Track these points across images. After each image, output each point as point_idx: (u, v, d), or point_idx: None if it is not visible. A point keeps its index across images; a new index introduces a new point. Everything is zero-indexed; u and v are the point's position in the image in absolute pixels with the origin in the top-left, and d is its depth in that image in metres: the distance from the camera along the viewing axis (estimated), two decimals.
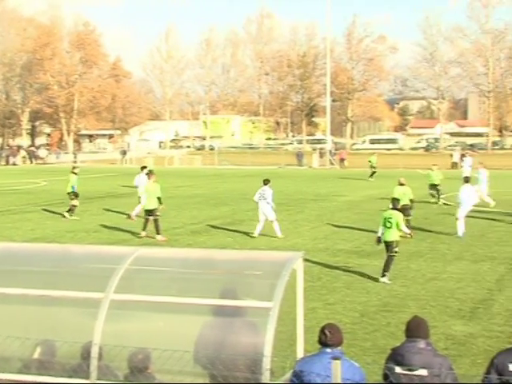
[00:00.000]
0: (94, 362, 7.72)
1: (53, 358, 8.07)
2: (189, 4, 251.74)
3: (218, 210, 34.05)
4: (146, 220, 26.15)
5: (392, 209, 18.62)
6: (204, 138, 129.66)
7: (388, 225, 18.38)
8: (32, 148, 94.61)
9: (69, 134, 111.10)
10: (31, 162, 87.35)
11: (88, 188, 44.96)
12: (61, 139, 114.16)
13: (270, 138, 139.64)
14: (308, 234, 26.46)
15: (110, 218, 31.35)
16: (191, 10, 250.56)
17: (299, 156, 76.98)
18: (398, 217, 18.51)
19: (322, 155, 77.65)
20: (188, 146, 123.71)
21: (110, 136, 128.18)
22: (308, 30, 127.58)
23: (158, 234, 25.61)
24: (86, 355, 7.81)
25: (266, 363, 7.28)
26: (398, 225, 18.34)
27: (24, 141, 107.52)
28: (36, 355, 8.10)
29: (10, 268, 9.19)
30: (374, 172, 54.33)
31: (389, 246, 18.56)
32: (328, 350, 7.25)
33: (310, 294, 16.40)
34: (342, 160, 73.82)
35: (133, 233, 27.07)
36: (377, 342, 13.24)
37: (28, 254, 9.86)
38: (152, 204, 25.96)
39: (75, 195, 32.28)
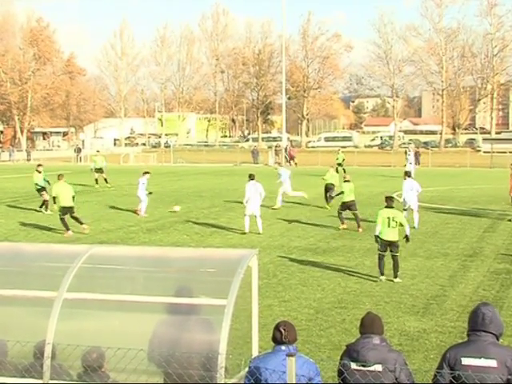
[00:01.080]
0: (47, 362, 7.65)
1: (5, 358, 7.98)
2: (143, 0, 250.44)
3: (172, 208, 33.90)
4: (62, 219, 26.31)
5: (387, 207, 18.31)
6: (159, 136, 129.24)
7: (393, 224, 18.03)
8: None
9: (22, 131, 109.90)
10: None
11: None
12: (14, 137, 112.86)
13: (225, 136, 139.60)
14: (264, 232, 26.48)
15: None
16: (146, 6, 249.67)
17: (254, 153, 77.09)
18: (401, 216, 18.54)
19: (277, 153, 77.76)
20: (143, 144, 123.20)
21: (65, 133, 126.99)
22: (263, 27, 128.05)
23: (82, 223, 26.57)
24: (38, 355, 7.74)
25: (221, 361, 7.27)
26: (401, 224, 18.17)
27: None
28: None
29: None
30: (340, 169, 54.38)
31: (393, 245, 18.22)
32: (283, 347, 7.25)
33: (266, 291, 16.47)
34: (291, 158, 74.22)
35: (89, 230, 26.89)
36: (331, 339, 13.30)
37: None
38: (67, 203, 26.35)
39: (43, 190, 33.15)
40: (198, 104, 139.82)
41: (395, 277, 18.20)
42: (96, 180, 45.75)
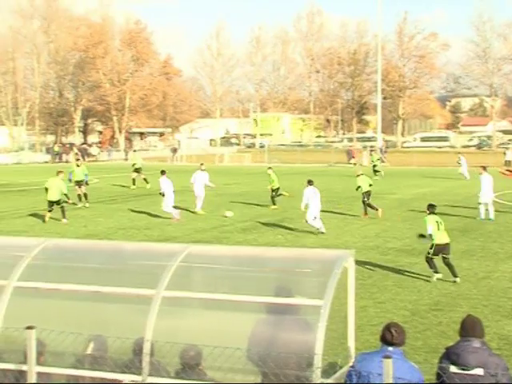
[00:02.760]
0: (145, 359, 7.78)
1: (105, 353, 8.14)
2: (239, 2, 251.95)
3: (267, 208, 34.04)
4: (50, 211, 29.90)
5: (431, 213, 18.55)
6: (254, 136, 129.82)
7: (441, 227, 18.36)
8: (84, 146, 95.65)
9: (120, 131, 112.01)
10: (83, 160, 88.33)
11: (138, 185, 45.31)
12: (112, 137, 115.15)
13: (319, 136, 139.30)
14: (358, 232, 26.34)
15: (160, 216, 31.53)
16: (241, 7, 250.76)
17: (349, 154, 76.73)
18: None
19: (371, 153, 77.21)
20: (238, 144, 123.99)
21: (161, 134, 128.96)
22: (359, 26, 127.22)
23: (64, 218, 29.86)
24: (137, 351, 7.87)
25: (317, 361, 7.26)
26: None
27: (76, 138, 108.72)
28: (89, 350, 8.18)
29: (63, 264, 9.30)
30: (375, 170, 53.94)
31: (446, 248, 18.42)
32: (390, 348, 7.17)
33: (361, 292, 16.33)
34: (351, 158, 73.86)
35: (183, 230, 27.24)
36: (428, 341, 13.12)
37: (81, 251, 9.96)
38: (56, 196, 29.89)
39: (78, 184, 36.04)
40: (293, 104, 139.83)
41: (454, 276, 18.15)
42: (133, 180, 46.01)
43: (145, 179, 45.44)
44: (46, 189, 30.29)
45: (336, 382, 7.75)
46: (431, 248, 18.45)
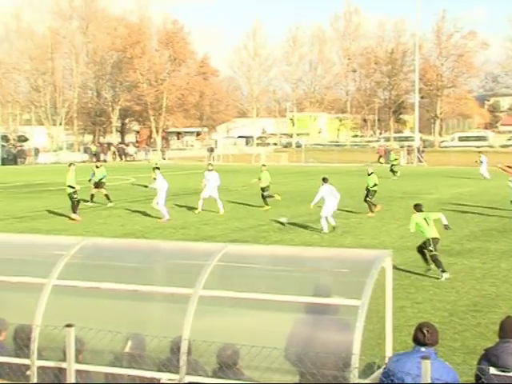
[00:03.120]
0: (183, 357, 7.80)
1: (143, 351, 8.19)
2: (276, 1, 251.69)
3: (304, 207, 33.96)
4: (78, 201, 30.86)
5: (419, 211, 19.48)
6: (290, 136, 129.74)
7: (430, 222, 19.18)
8: (121, 145, 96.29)
9: (157, 131, 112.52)
10: (121, 159, 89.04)
11: (175, 185, 45.46)
12: (149, 136, 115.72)
13: (356, 136, 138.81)
14: (395, 232, 26.21)
15: (197, 215, 31.65)
16: (278, 7, 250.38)
17: (386, 153, 76.37)
18: (433, 214, 20.15)
19: (409, 152, 76.89)
20: (274, 144, 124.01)
21: (198, 133, 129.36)
22: (396, 25, 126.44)
23: (74, 213, 30.54)
24: (175, 350, 7.90)
25: (355, 361, 7.24)
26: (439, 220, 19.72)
27: (114, 138, 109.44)
28: (127, 349, 8.23)
29: (102, 263, 9.37)
30: (392, 170, 53.46)
31: (436, 241, 19.12)
32: (422, 349, 7.14)
33: (398, 292, 16.23)
34: (380, 157, 73.47)
35: (220, 229, 27.31)
36: (466, 343, 13.02)
37: (118, 250, 10.03)
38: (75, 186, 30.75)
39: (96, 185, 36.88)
40: (330, 104, 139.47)
41: (442, 271, 18.65)
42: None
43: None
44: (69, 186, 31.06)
45: (373, 383, 7.72)
46: (430, 245, 18.99)
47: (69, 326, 7.73)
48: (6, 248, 10.00)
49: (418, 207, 19.71)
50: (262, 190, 34.59)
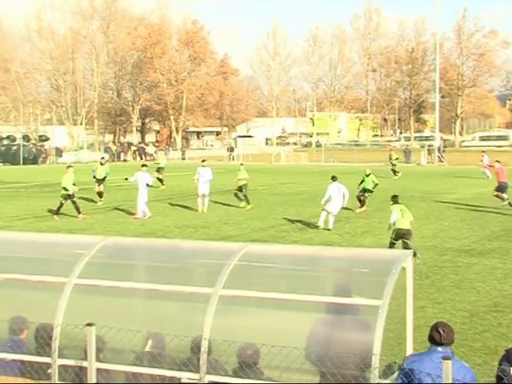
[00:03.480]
0: (203, 357, 7.81)
1: (163, 351, 8.21)
2: (295, 1, 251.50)
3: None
4: (61, 204, 30.53)
5: (395, 203, 21.30)
6: (310, 135, 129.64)
7: (405, 215, 20.85)
8: (141, 145, 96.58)
9: (177, 131, 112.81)
10: (141, 159, 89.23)
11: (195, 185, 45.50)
12: (169, 136, 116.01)
13: (376, 135, 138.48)
14: (416, 232, 26.00)
15: (217, 214, 31.70)
16: (298, 6, 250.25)
17: (407, 153, 76.11)
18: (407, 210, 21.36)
19: (429, 152, 76.59)
20: (294, 143, 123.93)
21: (218, 133, 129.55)
22: (417, 25, 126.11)
23: (80, 213, 30.65)
24: (195, 349, 7.91)
25: (375, 362, 7.22)
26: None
27: (134, 138, 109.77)
28: (147, 348, 8.26)
29: (122, 262, 9.40)
30: (393, 170, 53.41)
31: (406, 233, 20.74)
32: (439, 348, 7.13)
33: (419, 292, 16.14)
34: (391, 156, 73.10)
35: (240, 229, 27.34)
36: (487, 343, 12.95)
37: (139, 249, 10.07)
38: (69, 189, 30.57)
39: (98, 182, 37.07)
40: (350, 103, 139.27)
41: (414, 255, 19.14)
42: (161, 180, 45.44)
43: (161, 180, 45.35)
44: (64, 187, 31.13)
45: (394, 383, 7.70)
46: (393, 233, 20.82)
47: (90, 324, 7.76)
48: (28, 247, 10.07)
49: (395, 198, 21.51)
50: (240, 188, 34.99)
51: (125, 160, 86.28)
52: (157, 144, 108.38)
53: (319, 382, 7.61)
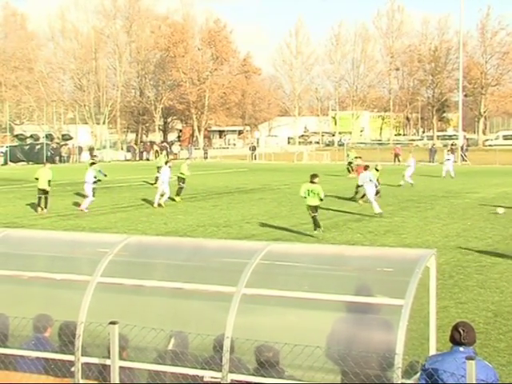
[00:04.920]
0: (226, 355, 7.82)
1: (186, 349, 8.23)
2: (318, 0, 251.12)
3: (346, 206, 33.93)
4: (39, 198, 32.70)
5: (311, 182, 25.79)
6: (333, 134, 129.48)
7: (311, 194, 25.44)
8: (164, 144, 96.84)
9: (199, 130, 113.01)
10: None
11: (218, 183, 45.65)
12: (192, 135, 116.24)
13: (399, 134, 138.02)
14: (439, 232, 26.02)
15: (239, 213, 31.74)
16: (321, 5, 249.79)
17: (432, 152, 75.74)
18: (318, 189, 25.74)
19: (453, 151, 76.18)
20: (317, 142, 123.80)
21: (240, 132, 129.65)
22: (440, 23, 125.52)
23: (45, 208, 32.66)
24: (218, 348, 7.92)
25: (398, 361, 7.19)
26: (318, 195, 25.58)
27: (157, 137, 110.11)
28: (170, 346, 8.28)
29: (145, 261, 9.43)
30: (348, 168, 53.77)
31: (313, 208, 25.56)
32: (461, 348, 7.11)
33: (442, 292, 16.10)
34: (396, 155, 72.92)
35: (262, 228, 27.36)
36: (511, 343, 12.87)
37: (161, 248, 10.08)
38: (44, 185, 32.71)
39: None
40: (372, 102, 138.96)
41: (315, 230, 25.44)
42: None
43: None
44: (36, 178, 33.42)
45: (416, 383, 7.67)
46: (309, 210, 25.63)
47: (113, 323, 7.80)
48: (52, 246, 10.13)
49: (312, 178, 25.91)
50: (181, 180, 37.92)
51: (147, 159, 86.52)
52: (180, 143, 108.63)
53: (341, 381, 7.60)
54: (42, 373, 8.56)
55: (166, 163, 37.70)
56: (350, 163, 54.97)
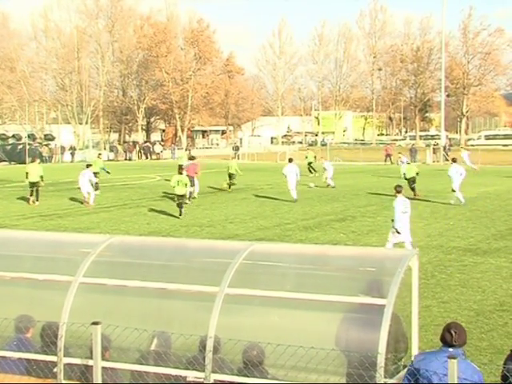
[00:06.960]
0: (209, 355, 7.82)
1: (169, 349, 8.22)
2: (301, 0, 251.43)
3: (329, 206, 33.98)
4: (31, 191, 35.85)
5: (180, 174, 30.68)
6: (316, 134, 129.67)
7: (180, 183, 29.92)
8: (147, 144, 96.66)
9: (183, 130, 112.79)
10: (146, 158, 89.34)
11: (201, 183, 45.50)
12: (175, 135, 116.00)
13: (382, 134, 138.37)
14: (421, 231, 26.07)
15: (222, 213, 31.72)
16: (304, 5, 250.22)
17: (413, 152, 75.94)
18: (186, 179, 30.59)
19: (435, 151, 76.48)
20: (300, 142, 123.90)
21: (223, 132, 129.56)
22: (422, 23, 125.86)
23: (37, 200, 35.67)
24: (201, 348, 7.92)
25: (381, 361, 7.21)
26: (186, 185, 30.36)
27: (139, 137, 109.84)
28: (153, 347, 8.27)
29: (128, 261, 9.42)
30: (309, 168, 54.67)
31: (180, 196, 30.34)
32: (450, 349, 7.09)
33: (424, 291, 16.16)
34: (387, 156, 73.09)
35: (246, 228, 27.36)
36: (493, 342, 12.93)
37: (145, 248, 10.07)
38: (35, 178, 35.68)
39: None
40: (355, 102, 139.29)
41: (180, 214, 30.18)
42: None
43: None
44: (27, 173, 36.27)
45: (399, 382, 7.69)
46: (177, 199, 30.35)
47: (95, 323, 7.78)
48: (34, 246, 10.09)
49: (179, 170, 31.01)
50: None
51: (130, 159, 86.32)
52: (162, 143, 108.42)
53: (324, 381, 7.61)
54: (24, 374, 8.53)
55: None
56: (310, 163, 56.05)
